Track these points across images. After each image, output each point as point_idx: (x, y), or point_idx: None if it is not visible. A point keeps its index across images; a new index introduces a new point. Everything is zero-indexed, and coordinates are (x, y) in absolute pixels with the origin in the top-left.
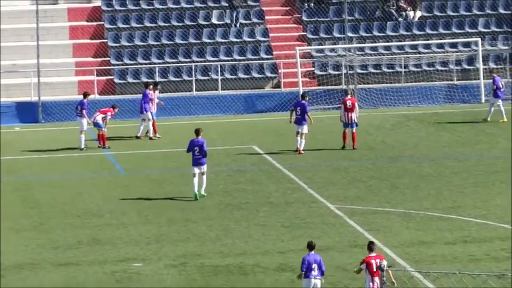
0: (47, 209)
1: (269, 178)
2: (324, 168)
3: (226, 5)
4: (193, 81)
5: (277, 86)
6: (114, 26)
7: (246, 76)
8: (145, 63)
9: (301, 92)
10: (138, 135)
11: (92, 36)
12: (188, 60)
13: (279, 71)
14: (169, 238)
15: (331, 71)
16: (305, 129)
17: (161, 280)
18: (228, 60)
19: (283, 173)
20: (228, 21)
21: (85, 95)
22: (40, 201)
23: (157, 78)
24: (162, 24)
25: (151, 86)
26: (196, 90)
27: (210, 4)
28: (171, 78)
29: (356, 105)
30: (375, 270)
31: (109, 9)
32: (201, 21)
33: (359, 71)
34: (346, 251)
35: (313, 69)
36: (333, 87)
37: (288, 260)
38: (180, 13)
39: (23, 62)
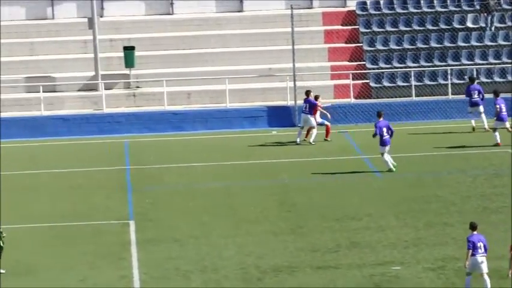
0: (304, 212)
1: None
2: None
3: (481, 8)
4: (449, 84)
5: None
6: (369, 30)
7: (502, 80)
8: (401, 67)
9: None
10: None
11: (347, 40)
12: (443, 63)
13: None
14: (427, 242)
15: None
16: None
17: (420, 283)
18: (483, 64)
19: None
20: (483, 25)
21: (308, 93)
22: (297, 205)
23: (413, 82)
24: (416, 28)
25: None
26: (452, 94)
27: (465, 8)
28: (427, 82)
29: None
30: None
31: (364, 13)
32: (456, 25)
33: None
34: None
35: None
36: None
37: None
38: (434, 17)
39: (278, 66)
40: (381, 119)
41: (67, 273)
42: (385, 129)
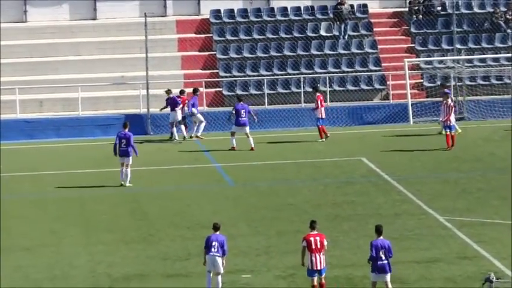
0: (156, 221)
1: (378, 190)
2: (433, 180)
3: (335, 17)
4: (302, 93)
5: (386, 97)
6: (222, 38)
7: (355, 88)
8: (254, 75)
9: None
10: None
11: (200, 48)
12: (297, 72)
13: (388, 82)
14: (278, 249)
15: (439, 83)
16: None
17: None
18: (336, 72)
19: (392, 185)
20: (337, 33)
21: (195, 90)
22: (149, 213)
23: (266, 91)
24: (270, 36)
25: None
26: (304, 102)
27: (319, 16)
28: (280, 90)
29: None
30: (313, 247)
31: (217, 21)
32: (310, 33)
33: (468, 82)
34: (455, 262)
35: (421, 81)
36: (441, 99)
37: (396, 272)
38: (288, 25)
39: (132, 74)
40: (126, 129)
41: None
42: (124, 141)
